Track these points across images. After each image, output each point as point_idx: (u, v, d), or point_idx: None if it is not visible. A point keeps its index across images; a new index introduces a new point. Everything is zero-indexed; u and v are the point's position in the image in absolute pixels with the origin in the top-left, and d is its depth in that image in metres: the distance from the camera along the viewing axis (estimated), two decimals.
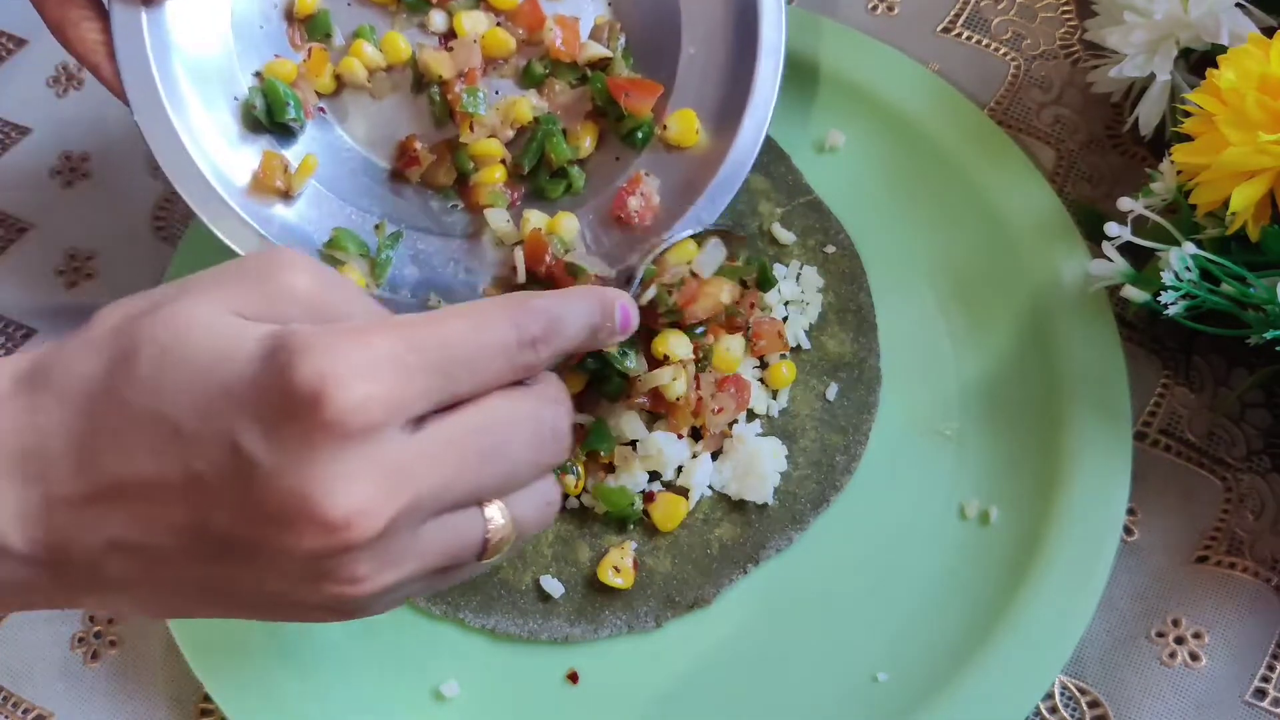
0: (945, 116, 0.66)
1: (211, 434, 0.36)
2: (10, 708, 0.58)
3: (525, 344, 0.40)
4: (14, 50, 0.74)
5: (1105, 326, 0.60)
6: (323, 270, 0.40)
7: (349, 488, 0.35)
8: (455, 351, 0.38)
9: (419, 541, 0.38)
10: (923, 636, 0.56)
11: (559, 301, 0.42)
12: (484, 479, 0.39)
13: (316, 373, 0.35)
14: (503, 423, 0.39)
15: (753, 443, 0.59)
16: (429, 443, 0.37)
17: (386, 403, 0.36)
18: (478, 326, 0.39)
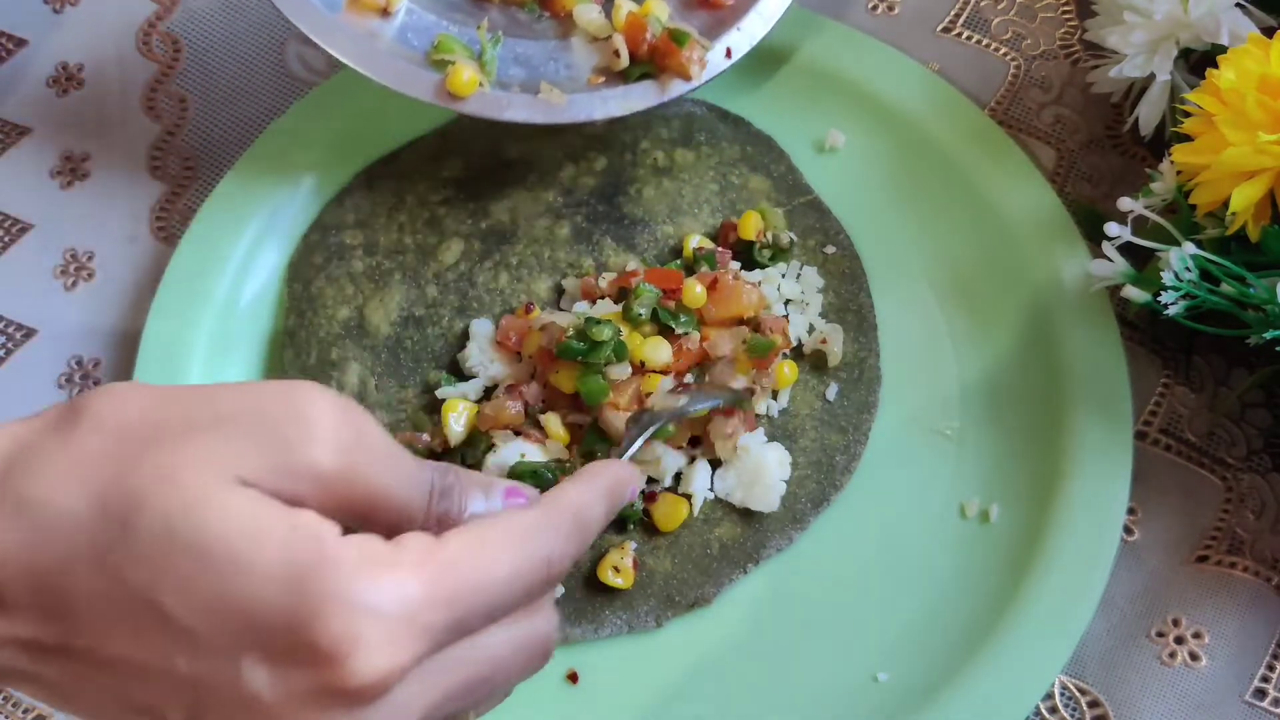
0: (945, 116, 0.66)
1: (212, 643, 0.33)
2: (10, 707, 0.58)
3: (551, 583, 0.39)
4: (14, 50, 0.74)
5: (1106, 326, 0.60)
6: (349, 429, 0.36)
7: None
8: (488, 602, 0.36)
9: None
10: (923, 636, 0.56)
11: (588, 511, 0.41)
12: (470, 703, 0.39)
13: (345, 634, 0.32)
14: (505, 656, 0.38)
15: (758, 451, 0.59)
16: (430, 677, 0.35)
17: (406, 671, 0.34)
18: (517, 573, 0.37)
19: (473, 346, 0.61)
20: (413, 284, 0.64)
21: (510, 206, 0.66)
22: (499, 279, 0.64)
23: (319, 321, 0.64)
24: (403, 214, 0.66)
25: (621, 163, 0.67)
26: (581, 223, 0.65)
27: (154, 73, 0.73)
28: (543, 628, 0.40)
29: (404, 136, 0.68)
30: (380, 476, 0.36)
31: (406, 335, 0.63)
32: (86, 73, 0.73)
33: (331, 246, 0.66)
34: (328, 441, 0.35)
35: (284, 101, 0.70)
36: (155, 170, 0.70)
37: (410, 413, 0.62)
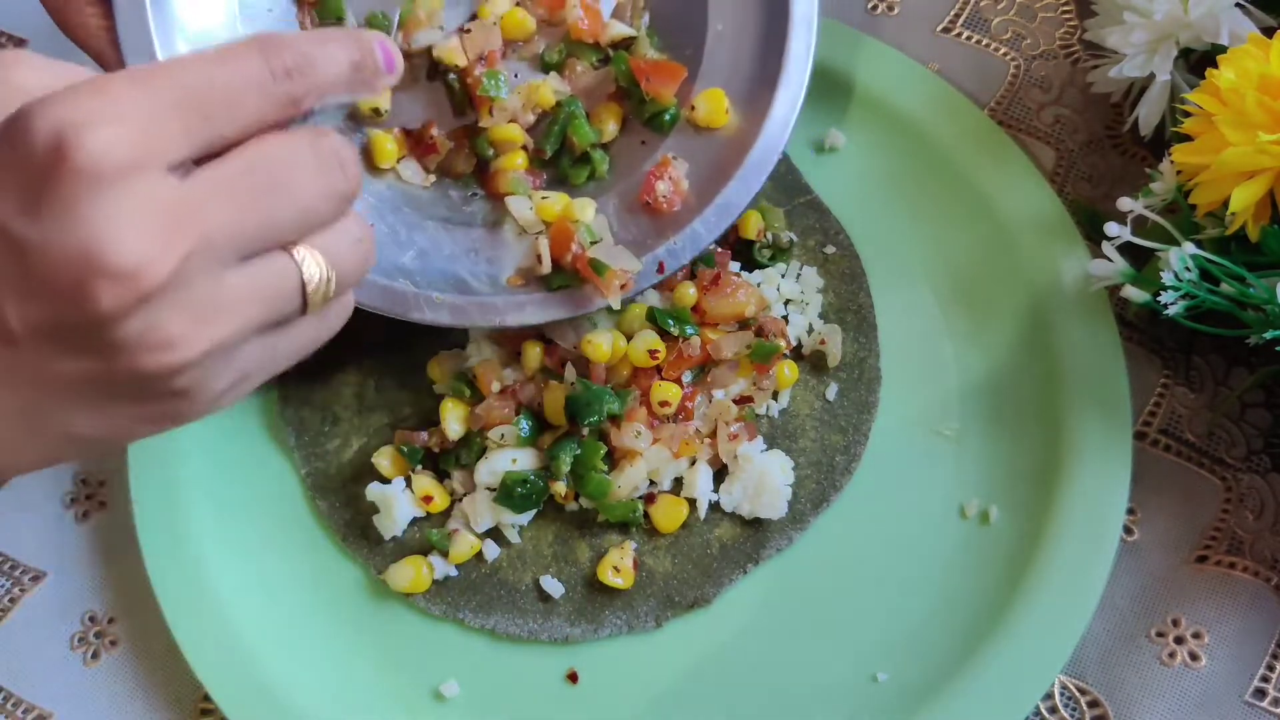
0: (945, 116, 0.66)
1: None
2: (10, 707, 0.58)
3: (280, 74, 0.38)
4: None
5: (1105, 326, 0.60)
6: (58, 63, 0.38)
7: (125, 233, 0.33)
8: (203, 87, 0.36)
9: (227, 290, 0.36)
10: (923, 636, 0.56)
11: (311, 39, 0.40)
12: (274, 215, 0.38)
13: (54, 123, 0.33)
14: (277, 155, 0.38)
15: (760, 460, 0.58)
16: (202, 184, 0.36)
17: (138, 140, 0.34)
18: (223, 61, 0.37)
19: (472, 347, 0.61)
20: None
21: None
22: None
23: None
24: None
25: None
26: None
27: None
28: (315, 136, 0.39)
29: None
30: None
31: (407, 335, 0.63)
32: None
33: None
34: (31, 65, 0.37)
35: None
36: None
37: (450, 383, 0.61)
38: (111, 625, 0.59)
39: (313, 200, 0.39)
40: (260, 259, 0.38)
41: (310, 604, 0.59)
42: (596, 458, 0.57)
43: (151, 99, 0.35)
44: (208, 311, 0.36)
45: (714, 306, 0.59)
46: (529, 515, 0.59)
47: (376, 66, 0.43)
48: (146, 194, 0.34)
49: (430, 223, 0.60)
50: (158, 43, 0.56)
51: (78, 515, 0.62)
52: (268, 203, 0.37)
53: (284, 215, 0.38)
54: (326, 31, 0.43)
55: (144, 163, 0.34)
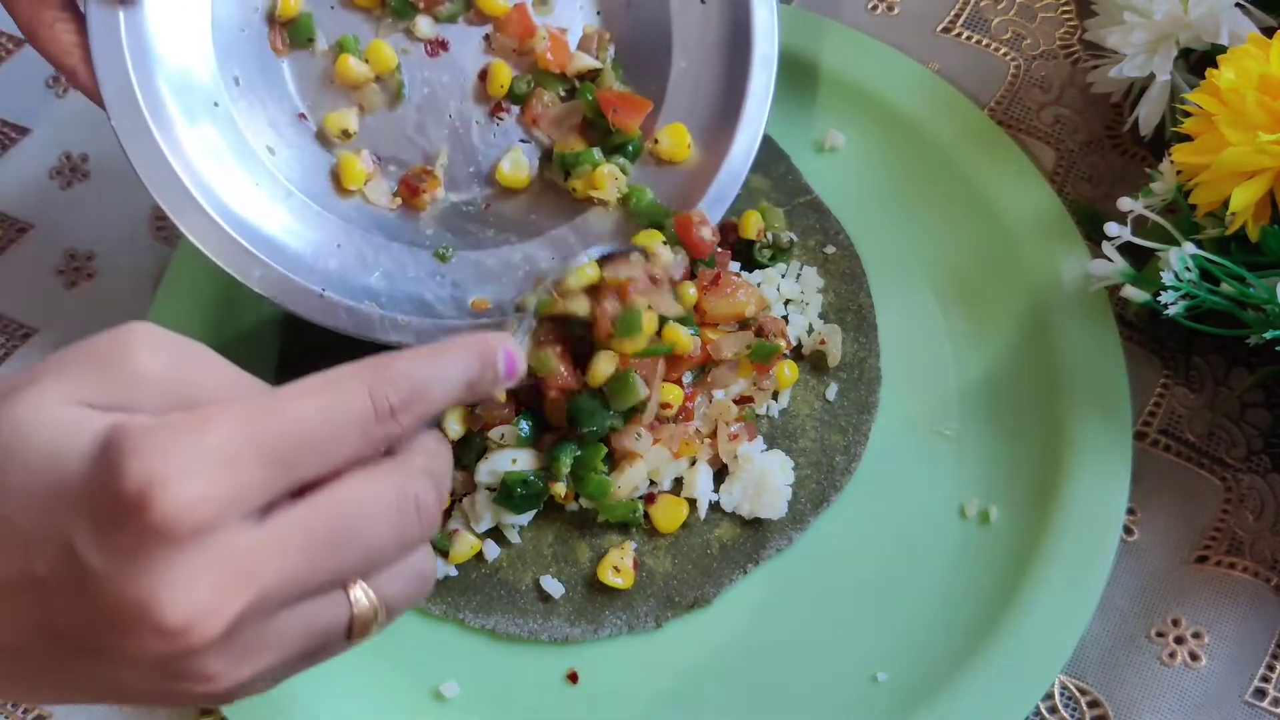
0: (945, 116, 0.66)
1: (46, 537, 0.34)
2: (10, 707, 0.58)
3: (384, 416, 0.37)
4: (14, 50, 0.74)
5: (1105, 326, 0.60)
6: (178, 346, 0.38)
7: (185, 592, 0.33)
8: (301, 436, 0.35)
9: (274, 633, 0.36)
10: (923, 636, 0.56)
11: (426, 364, 0.39)
12: (340, 565, 0.37)
13: (143, 475, 0.33)
14: (356, 505, 0.37)
15: (760, 460, 0.58)
16: (273, 533, 0.35)
17: (218, 500, 0.34)
18: (328, 405, 0.36)
19: None
20: None
21: None
22: None
23: None
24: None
25: None
26: None
27: None
28: (401, 483, 0.38)
29: None
30: (212, 382, 0.37)
31: None
32: None
33: None
34: (153, 352, 0.37)
35: None
36: None
37: None
38: None
39: (384, 549, 0.38)
40: (314, 600, 0.37)
41: None
42: (597, 459, 0.57)
43: (244, 450, 0.34)
44: (250, 652, 0.36)
45: (714, 306, 0.59)
46: (529, 515, 0.59)
47: (496, 378, 0.42)
48: (216, 552, 0.34)
49: (396, 245, 0.61)
50: (131, 64, 0.56)
51: None
52: (335, 554, 0.36)
53: (351, 564, 0.37)
54: (443, 350, 0.41)
55: (219, 520, 0.34)
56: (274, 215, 0.59)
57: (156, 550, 0.33)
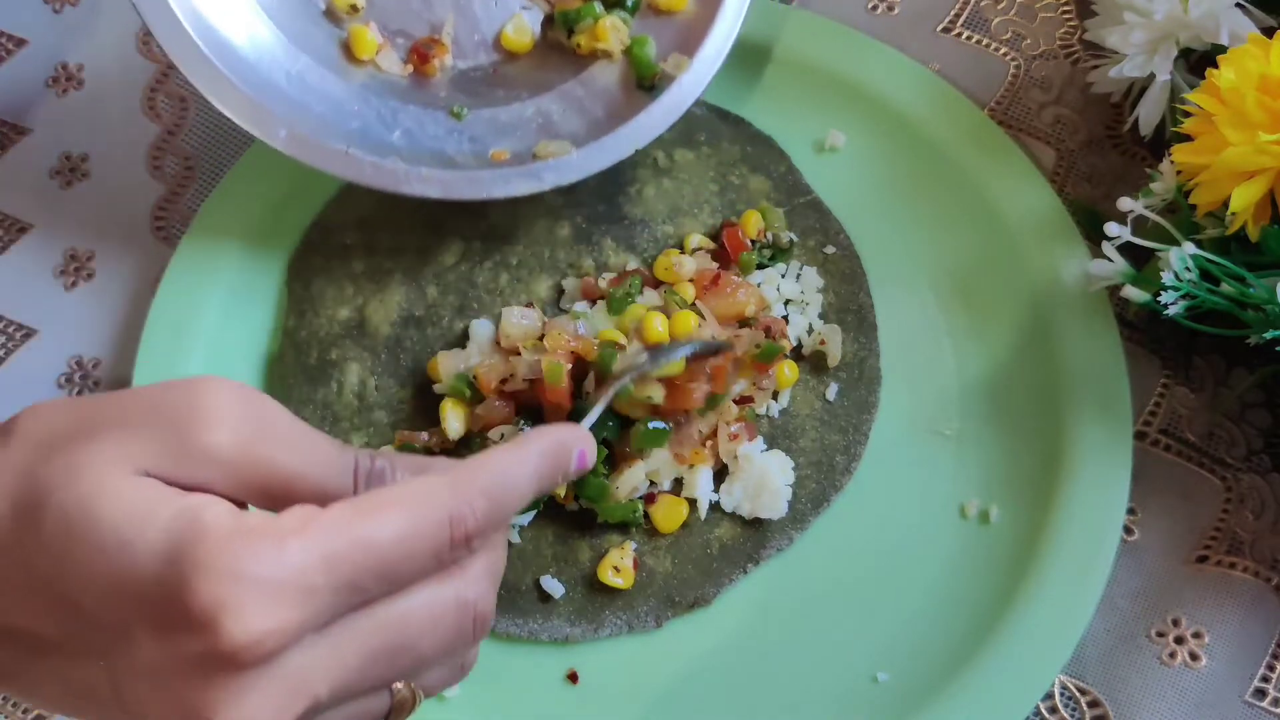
0: (945, 116, 0.66)
1: (108, 622, 0.34)
2: (10, 707, 0.58)
3: (459, 544, 0.37)
4: (14, 50, 0.74)
5: (1105, 326, 0.60)
6: (247, 410, 0.37)
7: (240, 710, 0.33)
8: (377, 563, 0.35)
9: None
10: (923, 636, 0.56)
11: (509, 474, 0.39)
12: (392, 673, 0.37)
13: (214, 599, 0.33)
14: (417, 619, 0.37)
15: (760, 460, 0.58)
16: (332, 646, 0.35)
17: (286, 633, 0.33)
18: (408, 532, 0.36)
19: (472, 347, 0.61)
20: (413, 284, 0.64)
21: (510, 207, 0.66)
22: (499, 279, 0.64)
23: (319, 321, 0.64)
24: (403, 214, 0.66)
25: (622, 163, 0.67)
26: (581, 223, 0.65)
27: (154, 73, 0.73)
28: (462, 593, 0.38)
29: None
30: (287, 456, 0.37)
31: (406, 335, 0.63)
32: (86, 73, 0.73)
33: (332, 246, 0.65)
34: (225, 425, 0.36)
35: None
36: (155, 170, 0.70)
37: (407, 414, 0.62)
38: None
39: (434, 660, 0.38)
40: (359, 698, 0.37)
41: None
42: (596, 461, 0.57)
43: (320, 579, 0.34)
44: None
45: (714, 307, 0.59)
46: (529, 516, 0.59)
47: (567, 475, 0.43)
48: (275, 673, 0.34)
49: (412, 106, 0.64)
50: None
51: None
52: (391, 664, 0.37)
53: (402, 672, 0.38)
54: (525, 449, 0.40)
55: (284, 648, 0.34)
56: (293, 82, 0.62)
57: (218, 672, 0.33)
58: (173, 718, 0.34)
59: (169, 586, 0.33)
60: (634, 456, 0.58)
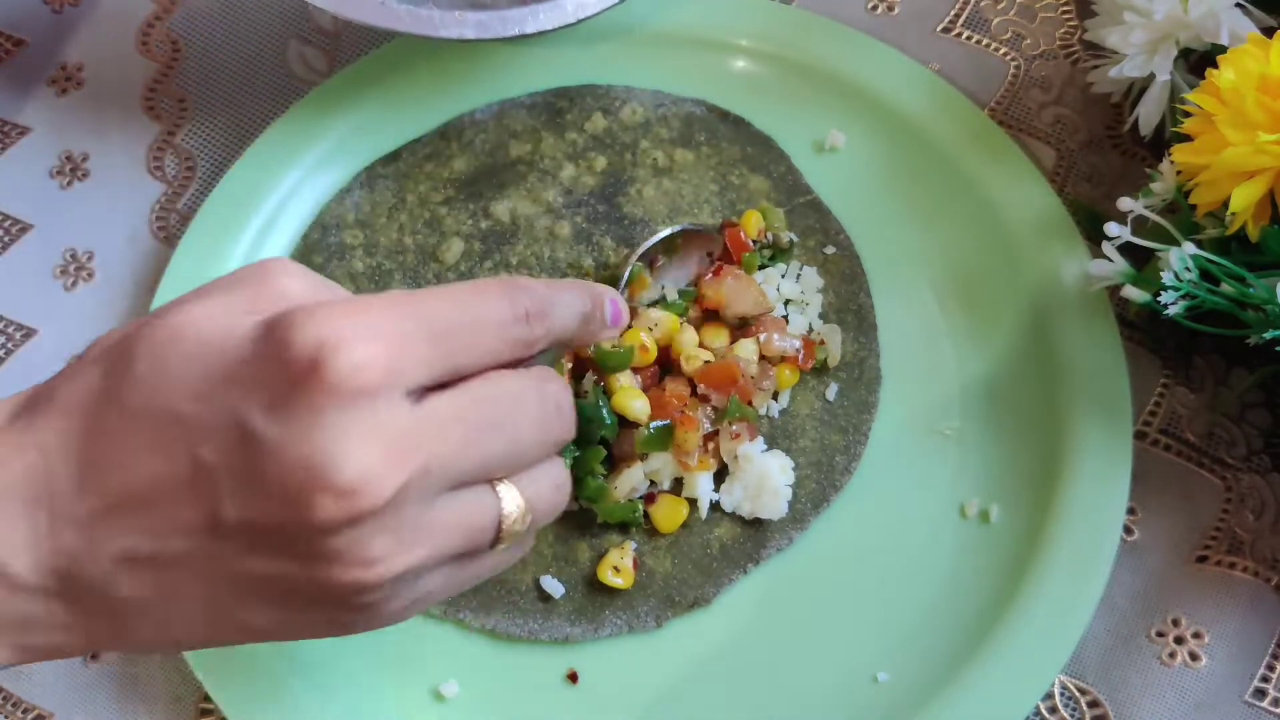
0: (945, 116, 0.66)
1: (213, 416, 0.36)
2: (10, 708, 0.58)
3: (519, 319, 0.40)
4: (14, 50, 0.74)
5: (1105, 326, 0.60)
6: (317, 276, 0.40)
7: (356, 452, 0.35)
8: (451, 320, 0.38)
9: (432, 518, 0.37)
10: (923, 636, 0.56)
11: (551, 286, 0.42)
12: (492, 451, 0.39)
13: (314, 338, 0.35)
14: (506, 394, 0.39)
15: (760, 461, 0.58)
16: (433, 412, 0.37)
17: (386, 365, 0.35)
18: (472, 298, 0.39)
19: None
20: (413, 284, 0.64)
21: (510, 206, 0.66)
22: None
23: None
24: (403, 214, 0.66)
25: (621, 163, 0.67)
26: (581, 223, 0.65)
27: (154, 73, 0.73)
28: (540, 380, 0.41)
29: (404, 136, 0.68)
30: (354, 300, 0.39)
31: None
32: (86, 73, 0.73)
33: (332, 246, 0.66)
34: (296, 274, 0.39)
35: (284, 101, 0.70)
36: (155, 170, 0.70)
37: None
38: None
39: (529, 442, 0.40)
40: (467, 490, 0.39)
41: None
42: (595, 462, 0.57)
43: (404, 325, 0.37)
44: (411, 536, 0.37)
45: (728, 299, 0.59)
46: None
47: (604, 320, 0.46)
48: (383, 417, 0.35)
49: None
50: None
51: None
52: (489, 439, 0.39)
53: (500, 452, 0.39)
54: (562, 282, 0.45)
55: (387, 387, 0.35)
56: None
57: (327, 411, 0.34)
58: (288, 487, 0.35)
59: (268, 349, 0.35)
60: (634, 457, 0.58)
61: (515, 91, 0.69)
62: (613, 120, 0.68)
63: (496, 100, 0.69)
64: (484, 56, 0.70)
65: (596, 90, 0.69)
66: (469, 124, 0.68)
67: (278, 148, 0.67)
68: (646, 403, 0.57)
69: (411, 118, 0.68)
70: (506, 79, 0.69)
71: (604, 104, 0.69)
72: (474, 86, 0.69)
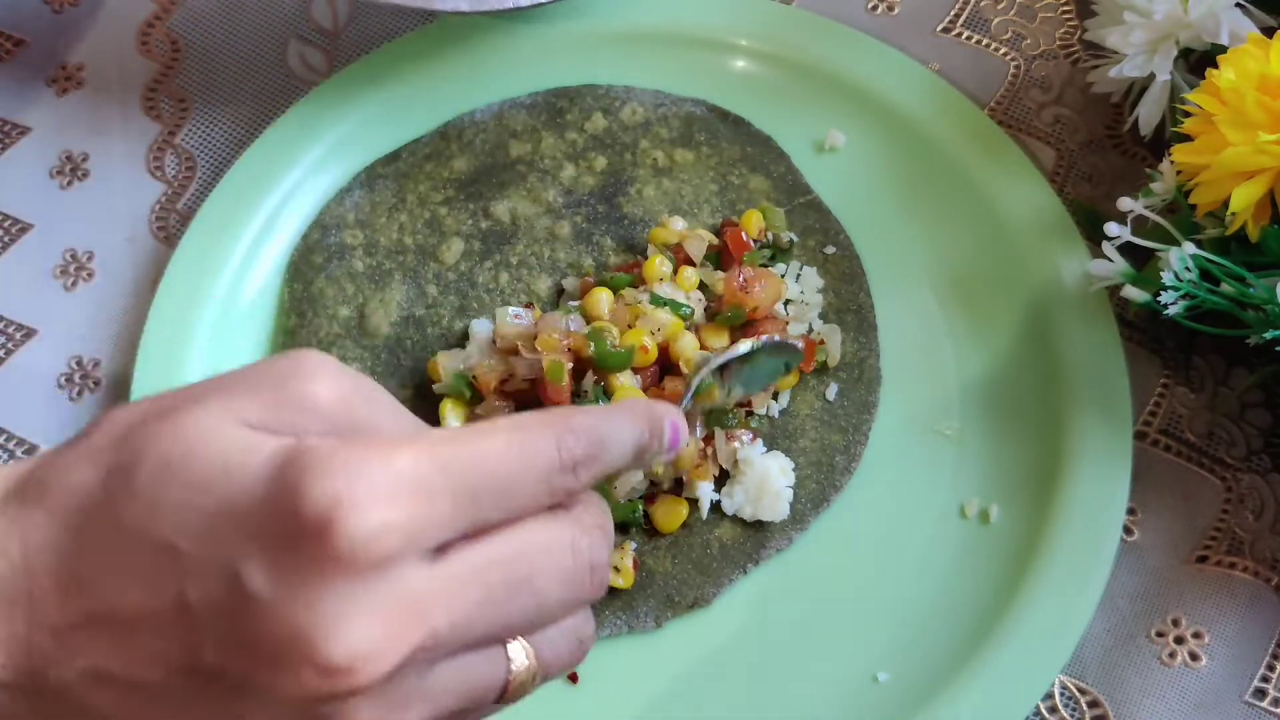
0: (945, 116, 0.66)
1: (210, 558, 0.32)
2: None
3: (567, 468, 0.35)
4: (14, 51, 0.74)
5: (1105, 326, 0.60)
6: (350, 379, 0.36)
7: (357, 628, 0.31)
8: (489, 475, 0.34)
9: (430, 684, 0.34)
10: (923, 636, 0.56)
11: (605, 420, 0.38)
12: (510, 616, 0.35)
13: (329, 496, 0.31)
14: (534, 553, 0.35)
15: (760, 463, 0.58)
16: (450, 574, 0.33)
17: (405, 532, 0.32)
18: (518, 447, 0.35)
19: (472, 347, 0.61)
20: (413, 284, 0.64)
21: (510, 206, 0.66)
22: (499, 279, 0.64)
23: (319, 321, 0.64)
24: (403, 213, 0.66)
25: (621, 163, 0.67)
26: (581, 223, 0.65)
27: (154, 73, 0.73)
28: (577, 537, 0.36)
29: (404, 136, 0.68)
30: (385, 418, 0.36)
31: (406, 335, 0.63)
32: (86, 73, 0.73)
33: (332, 246, 0.66)
34: (327, 379, 0.35)
35: (284, 101, 0.70)
36: (155, 170, 0.70)
37: None
38: None
39: (553, 605, 0.36)
40: (472, 653, 0.35)
41: None
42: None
43: (434, 481, 0.33)
44: (401, 703, 0.34)
45: (755, 295, 0.59)
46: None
47: (662, 449, 0.41)
48: (393, 589, 0.32)
49: None
50: None
51: None
52: (509, 603, 0.35)
53: (519, 617, 0.36)
54: (620, 410, 0.40)
55: (404, 553, 0.32)
56: None
57: (333, 580, 0.31)
58: (276, 651, 0.32)
59: (278, 498, 0.32)
60: None
61: (515, 91, 0.69)
62: (613, 120, 0.68)
63: (496, 100, 0.69)
64: (484, 56, 0.70)
65: (596, 90, 0.69)
66: (469, 124, 0.68)
67: (278, 148, 0.67)
68: None
69: (411, 118, 0.68)
70: (506, 79, 0.69)
71: (604, 104, 0.69)
72: (474, 86, 0.69)
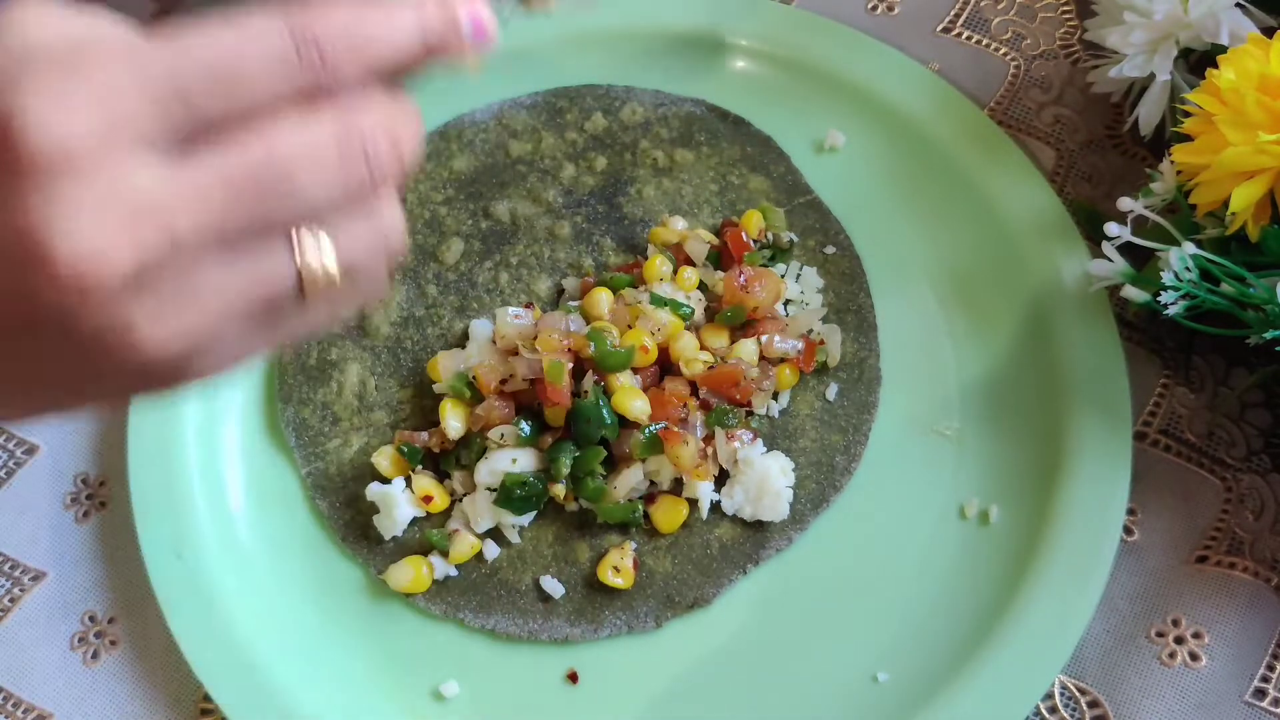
0: (945, 116, 0.66)
1: None
2: (10, 708, 0.58)
3: (309, 57, 0.32)
4: None
5: (1105, 326, 0.60)
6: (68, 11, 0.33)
7: (73, 224, 0.30)
8: (200, 64, 0.31)
9: (204, 283, 0.33)
10: (923, 636, 0.56)
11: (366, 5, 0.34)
12: (271, 211, 0.33)
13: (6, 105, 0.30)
14: (286, 147, 0.32)
15: (760, 463, 0.58)
16: (186, 174, 0.31)
17: (93, 130, 0.30)
18: (232, 34, 0.32)
19: (472, 347, 0.61)
20: (413, 284, 0.64)
21: (510, 206, 0.66)
22: (499, 279, 0.64)
23: None
24: (403, 213, 0.66)
25: (621, 163, 0.67)
26: (581, 223, 0.65)
27: None
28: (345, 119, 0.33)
29: None
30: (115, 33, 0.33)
31: (406, 335, 0.63)
32: None
33: None
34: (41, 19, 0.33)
35: None
36: None
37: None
38: (112, 625, 0.59)
39: (326, 198, 0.34)
40: (248, 247, 0.33)
41: (310, 604, 0.59)
42: (595, 462, 0.57)
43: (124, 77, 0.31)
44: (175, 300, 0.32)
45: (755, 294, 0.59)
46: (529, 516, 0.59)
47: (458, 35, 0.36)
48: (114, 186, 0.31)
49: None
50: None
51: (78, 515, 0.62)
52: (264, 201, 0.33)
53: (284, 213, 0.33)
54: None
55: (102, 152, 0.30)
56: None
57: (35, 182, 0.30)
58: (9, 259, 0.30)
59: None
60: (633, 457, 0.58)
61: (515, 91, 0.69)
62: (613, 120, 0.68)
63: (496, 100, 0.69)
64: None
65: (596, 90, 0.69)
66: (469, 124, 0.69)
67: None
68: (647, 403, 0.57)
69: None
70: (506, 79, 0.70)
71: (604, 104, 0.69)
72: (474, 86, 0.69)
